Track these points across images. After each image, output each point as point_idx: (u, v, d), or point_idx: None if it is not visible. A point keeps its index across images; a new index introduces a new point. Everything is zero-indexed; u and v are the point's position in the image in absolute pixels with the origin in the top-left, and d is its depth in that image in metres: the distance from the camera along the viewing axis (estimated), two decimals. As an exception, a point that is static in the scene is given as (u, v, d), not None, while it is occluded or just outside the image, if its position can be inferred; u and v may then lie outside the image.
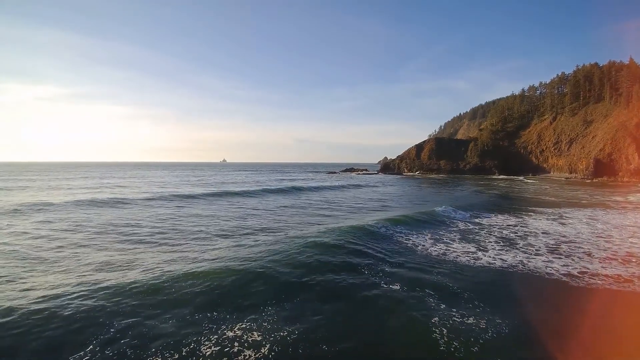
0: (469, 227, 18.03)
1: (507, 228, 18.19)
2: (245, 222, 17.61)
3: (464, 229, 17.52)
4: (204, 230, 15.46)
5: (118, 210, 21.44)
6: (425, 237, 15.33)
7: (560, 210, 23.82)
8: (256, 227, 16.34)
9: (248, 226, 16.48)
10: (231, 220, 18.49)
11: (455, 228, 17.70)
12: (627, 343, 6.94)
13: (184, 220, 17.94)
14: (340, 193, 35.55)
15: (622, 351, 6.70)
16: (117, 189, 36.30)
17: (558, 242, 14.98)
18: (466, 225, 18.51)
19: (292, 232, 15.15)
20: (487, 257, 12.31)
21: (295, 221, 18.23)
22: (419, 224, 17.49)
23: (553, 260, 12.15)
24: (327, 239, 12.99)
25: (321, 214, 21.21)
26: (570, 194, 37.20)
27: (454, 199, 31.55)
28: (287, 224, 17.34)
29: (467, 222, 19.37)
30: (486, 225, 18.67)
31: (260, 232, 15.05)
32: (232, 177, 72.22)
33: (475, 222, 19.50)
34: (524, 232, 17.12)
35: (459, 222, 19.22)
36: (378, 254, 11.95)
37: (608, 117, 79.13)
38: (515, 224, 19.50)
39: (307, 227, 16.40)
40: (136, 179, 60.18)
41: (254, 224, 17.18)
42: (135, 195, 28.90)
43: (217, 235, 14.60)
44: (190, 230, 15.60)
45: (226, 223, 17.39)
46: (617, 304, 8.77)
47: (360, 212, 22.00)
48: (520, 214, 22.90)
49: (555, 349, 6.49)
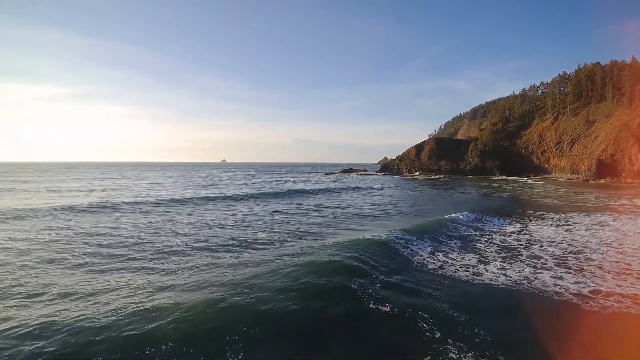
0: (470, 233, 16.92)
1: (510, 235, 17.09)
2: (231, 233, 16.23)
3: (465, 235, 16.41)
4: (183, 243, 14.16)
5: (99, 217, 20.20)
6: (424, 245, 14.20)
7: (566, 215, 22.70)
8: (242, 238, 14.99)
9: (233, 238, 15.12)
10: (216, 229, 17.17)
11: (456, 234, 16.58)
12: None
13: (165, 230, 16.64)
14: (337, 197, 34.12)
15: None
16: (107, 192, 34.99)
17: (565, 253, 13.87)
18: (468, 231, 17.39)
19: (282, 246, 13.76)
20: (488, 273, 11.20)
21: (286, 231, 16.78)
22: (420, 234, 16.05)
23: (561, 275, 11.04)
24: (321, 256, 11.54)
25: (316, 222, 19.75)
26: (574, 197, 36.07)
27: (457, 202, 30.43)
28: (278, 235, 15.94)
29: (469, 228, 18.25)
30: (487, 232, 17.57)
31: (245, 246, 13.66)
32: (228, 178, 71.05)
33: (476, 227, 18.39)
34: (528, 241, 16.02)
35: (461, 227, 18.10)
36: (374, 270, 10.82)
37: (610, 117, 77.95)
38: (518, 230, 18.40)
39: (300, 239, 14.97)
40: (130, 180, 59.03)
41: (240, 235, 15.80)
42: (123, 199, 27.68)
43: (196, 248, 13.29)
44: (169, 242, 14.31)
45: (209, 233, 16.04)
46: (638, 330, 7.69)
47: (359, 221, 20.56)
48: (523, 218, 21.79)
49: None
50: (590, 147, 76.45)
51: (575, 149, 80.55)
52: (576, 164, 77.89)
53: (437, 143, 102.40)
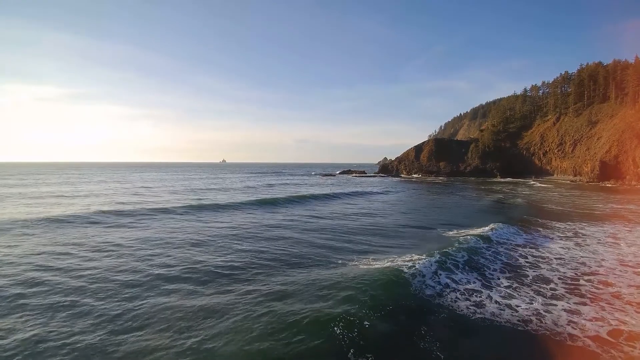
0: (515, 258, 15.25)
1: (515, 249, 15.44)
2: (197, 257, 13.60)
3: (512, 264, 14.75)
4: (134, 269, 11.91)
5: (54, 231, 17.85)
6: (469, 280, 12.53)
7: (574, 225, 21.01)
8: (207, 268, 12.21)
9: (196, 267, 12.28)
10: (181, 249, 14.68)
11: (498, 261, 14.91)
12: None
13: (118, 252, 14.20)
14: (334, 205, 31.35)
15: None
16: (83, 199, 32.52)
17: (577, 274, 12.22)
18: (511, 255, 15.72)
19: (259, 279, 11.01)
20: (492, 304, 9.53)
21: (270, 254, 14.03)
22: (452, 262, 12.87)
23: (576, 308, 9.40)
24: (303, 305, 8.66)
25: (307, 241, 16.77)
26: (580, 202, 34.40)
27: (473, 211, 28.44)
28: (257, 260, 13.24)
29: (509, 250, 16.58)
30: (494, 243, 15.89)
31: (209, 281, 10.86)
32: (223, 181, 69.16)
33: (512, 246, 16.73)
34: (534, 257, 14.37)
35: (500, 251, 16.39)
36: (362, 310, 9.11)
37: (614, 118, 76.23)
38: (524, 243, 16.76)
39: (283, 269, 12.18)
40: (119, 183, 56.97)
41: (207, 260, 13.14)
42: (96, 207, 25.71)
43: (147, 282, 10.72)
44: (118, 268, 12.04)
45: (170, 258, 13.35)
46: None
47: (363, 239, 17.35)
48: (528, 228, 20.10)
49: None
50: (593, 148, 74.71)
51: (578, 151, 78.83)
52: (579, 165, 76.16)
53: (436, 144, 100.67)
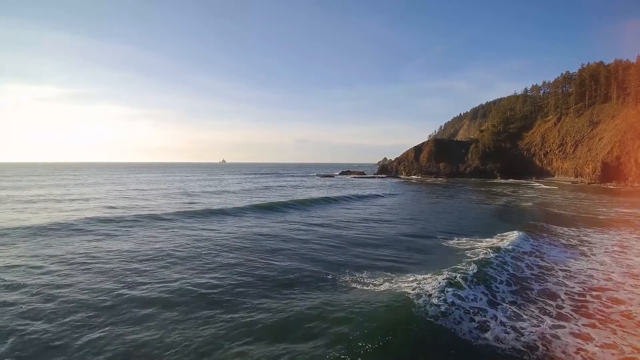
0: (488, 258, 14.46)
1: (521, 258, 14.63)
2: (175, 274, 11.84)
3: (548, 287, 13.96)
4: (102, 289, 10.43)
5: (32, 241, 16.48)
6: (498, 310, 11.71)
7: (579, 232, 20.20)
8: (182, 288, 10.46)
9: (171, 287, 10.58)
10: (159, 264, 13.05)
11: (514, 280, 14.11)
12: None
13: (91, 267, 12.62)
14: (330, 210, 29.67)
15: None
16: (74, 204, 31.24)
17: (585, 289, 11.45)
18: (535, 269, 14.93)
19: (237, 309, 9.12)
20: (497, 325, 8.72)
21: (253, 275, 12.19)
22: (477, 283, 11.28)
23: (585, 331, 8.62)
24: (287, 346, 7.33)
25: (301, 254, 15.05)
26: (584, 205, 33.61)
27: (481, 218, 27.33)
28: (238, 281, 11.41)
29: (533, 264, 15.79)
30: (502, 251, 15.10)
31: (181, 306, 9.34)
32: (220, 182, 68.08)
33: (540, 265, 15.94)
34: (540, 268, 13.57)
35: (518, 263, 15.61)
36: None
37: (615, 118, 75.49)
38: (530, 250, 15.94)
39: (263, 295, 10.24)
40: (113, 185, 55.81)
41: (184, 278, 11.46)
42: (83, 213, 24.56)
43: (110, 308, 9.24)
44: (86, 287, 10.61)
45: (145, 276, 11.67)
46: None
47: (352, 253, 15.66)
48: (534, 233, 19.24)
49: None
50: (594, 149, 73.96)
51: (579, 151, 78.06)
52: (580, 166, 75.40)
53: (436, 145, 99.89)
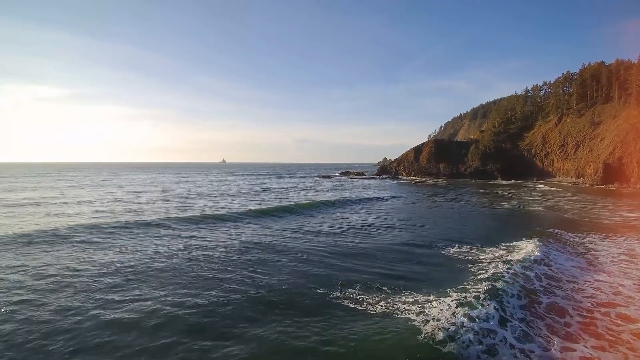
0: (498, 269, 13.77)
1: (531, 268, 13.83)
2: (150, 292, 10.93)
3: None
4: (68, 311, 9.33)
5: (11, 251, 15.42)
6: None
7: (584, 238, 19.50)
8: (155, 311, 9.38)
9: (144, 308, 9.43)
10: (136, 280, 11.93)
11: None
12: None
13: (62, 283, 11.47)
14: (327, 216, 27.83)
15: None
16: (64, 208, 29.89)
17: (593, 305, 10.78)
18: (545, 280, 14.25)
19: (204, 347, 7.84)
20: (505, 349, 8.03)
21: (232, 296, 10.72)
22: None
23: (595, 355, 7.95)
24: None
25: (284, 271, 13.32)
26: (586, 208, 32.92)
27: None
28: (217, 303, 10.18)
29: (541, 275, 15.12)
30: (514, 263, 14.42)
31: (147, 337, 8.10)
32: (215, 184, 66.40)
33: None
34: (548, 279, 12.80)
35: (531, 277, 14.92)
36: None
37: (617, 119, 74.81)
38: (540, 259, 15.14)
39: (241, 324, 8.91)
40: (107, 188, 53.93)
41: (159, 297, 10.23)
42: (70, 219, 23.35)
43: (44, 344, 7.80)
44: (51, 308, 9.53)
45: (118, 293, 10.88)
46: None
47: (347, 267, 13.94)
48: (540, 240, 18.58)
49: None
50: (596, 150, 73.28)
51: (581, 152, 77.38)
52: (581, 167, 74.74)
53: (436, 145, 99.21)
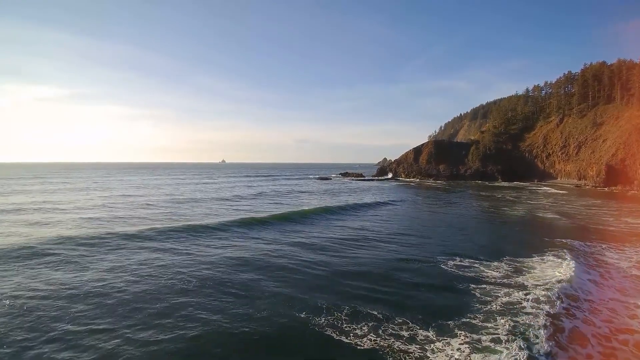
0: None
1: (551, 288, 12.76)
2: (100, 322, 9.76)
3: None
4: (17, 344, 8.57)
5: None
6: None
7: (594, 247, 18.38)
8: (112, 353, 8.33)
9: (102, 347, 8.53)
10: (86, 310, 10.60)
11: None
12: None
13: (15, 311, 10.49)
14: (321, 225, 25.43)
15: None
16: (49, 215, 28.34)
17: (611, 331, 9.70)
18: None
19: None
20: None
21: (200, 340, 9.00)
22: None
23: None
24: None
25: (262, 300, 11.54)
26: (591, 213, 31.83)
27: (475, 234, 25.85)
28: (179, 340, 8.93)
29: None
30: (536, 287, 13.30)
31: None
32: (211, 187, 64.54)
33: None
34: (568, 298, 11.36)
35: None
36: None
37: (619, 119, 73.72)
38: (559, 279, 14.10)
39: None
40: (100, 191, 52.24)
41: (109, 337, 9.04)
42: (51, 230, 21.99)
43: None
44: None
45: (73, 323, 9.75)
46: None
47: (340, 291, 12.32)
48: (544, 251, 17.54)
49: None
50: (598, 151, 72.19)
51: (582, 153, 76.27)
52: (583, 169, 73.66)
53: (436, 146, 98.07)
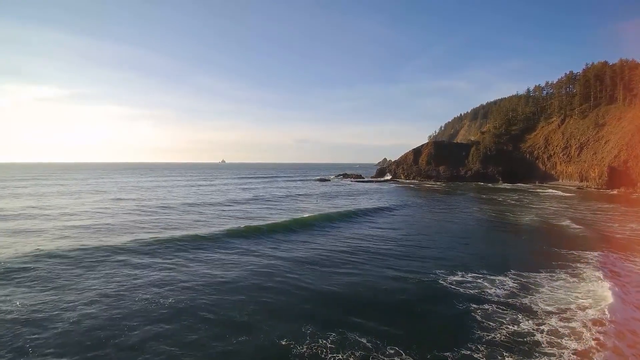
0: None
1: (574, 314, 11.76)
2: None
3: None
4: None
5: None
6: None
7: (603, 257, 17.30)
8: None
9: None
10: (27, 342, 9.41)
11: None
12: None
13: None
14: (311, 235, 23.86)
15: None
16: (33, 223, 27.09)
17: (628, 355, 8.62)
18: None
19: None
20: None
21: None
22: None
23: None
24: None
25: (240, 323, 10.67)
26: (596, 219, 30.74)
27: (486, 247, 24.75)
28: None
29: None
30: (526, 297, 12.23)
31: None
32: (206, 190, 63.08)
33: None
34: (595, 324, 10.59)
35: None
36: None
37: (622, 120, 72.71)
38: (581, 305, 13.07)
39: None
40: (91, 195, 51.31)
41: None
42: (31, 242, 20.57)
43: None
44: None
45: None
46: None
47: (318, 325, 10.71)
48: (552, 265, 16.47)
49: None
50: (600, 152, 71.16)
51: (584, 155, 75.22)
52: (585, 170, 72.62)
53: (435, 147, 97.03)
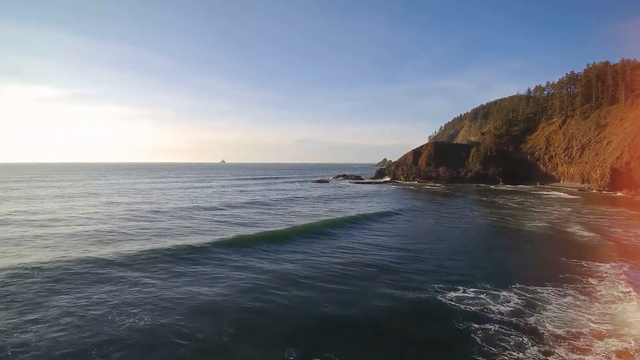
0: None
1: (577, 342, 10.79)
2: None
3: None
4: None
5: None
6: None
7: (617, 268, 16.36)
8: None
9: None
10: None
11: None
12: None
13: None
14: (300, 249, 21.79)
15: None
16: (19, 230, 26.00)
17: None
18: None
19: None
20: None
21: None
22: None
23: None
24: None
25: (214, 353, 9.72)
26: (603, 225, 29.69)
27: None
28: None
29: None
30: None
31: None
32: (202, 192, 61.93)
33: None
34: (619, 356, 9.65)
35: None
36: None
37: (624, 121, 71.69)
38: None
39: None
40: (84, 198, 50.39)
41: None
42: (10, 254, 19.44)
43: None
44: None
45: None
46: None
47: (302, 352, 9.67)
48: (559, 277, 15.51)
49: None
50: (602, 153, 70.18)
51: (586, 156, 74.24)
52: (587, 172, 71.64)
53: (435, 148, 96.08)
